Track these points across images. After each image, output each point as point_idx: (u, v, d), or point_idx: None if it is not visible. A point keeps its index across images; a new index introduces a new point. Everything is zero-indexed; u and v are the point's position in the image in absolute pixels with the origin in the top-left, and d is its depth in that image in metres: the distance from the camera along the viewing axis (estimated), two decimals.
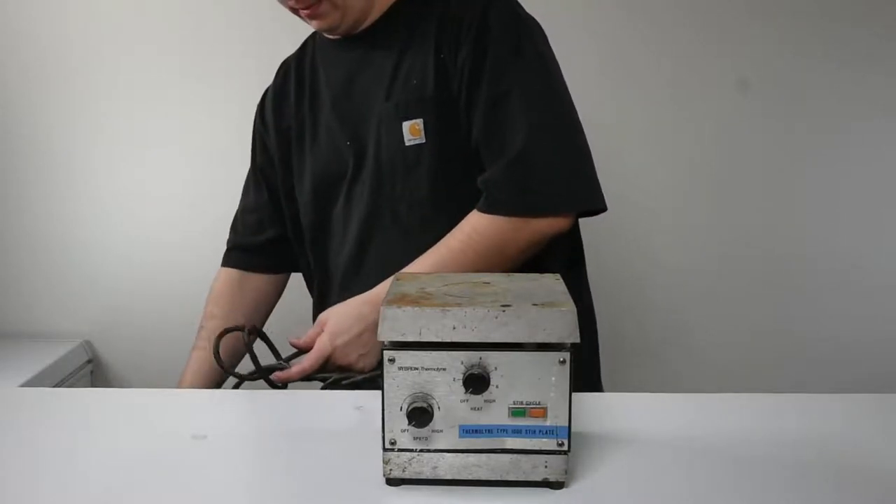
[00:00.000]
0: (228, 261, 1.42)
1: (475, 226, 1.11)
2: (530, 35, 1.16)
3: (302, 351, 1.13)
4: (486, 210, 1.12)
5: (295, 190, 1.32)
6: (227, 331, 1.11)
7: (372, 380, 1.03)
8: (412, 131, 1.15)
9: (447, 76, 1.14)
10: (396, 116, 1.15)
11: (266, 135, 1.37)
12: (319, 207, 1.28)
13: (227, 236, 1.88)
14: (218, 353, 1.09)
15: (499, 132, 1.12)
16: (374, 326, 1.05)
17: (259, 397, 1.04)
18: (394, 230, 1.19)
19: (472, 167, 1.15)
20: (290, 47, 1.39)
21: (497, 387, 0.70)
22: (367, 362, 1.09)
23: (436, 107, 1.14)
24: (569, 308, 0.70)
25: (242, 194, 1.44)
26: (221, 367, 1.10)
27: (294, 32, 1.39)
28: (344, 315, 1.11)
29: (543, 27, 1.21)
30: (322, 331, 1.11)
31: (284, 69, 1.37)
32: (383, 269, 1.13)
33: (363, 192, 1.20)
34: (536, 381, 0.70)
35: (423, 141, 1.15)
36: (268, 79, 1.42)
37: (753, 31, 1.84)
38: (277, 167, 1.34)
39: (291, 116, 1.31)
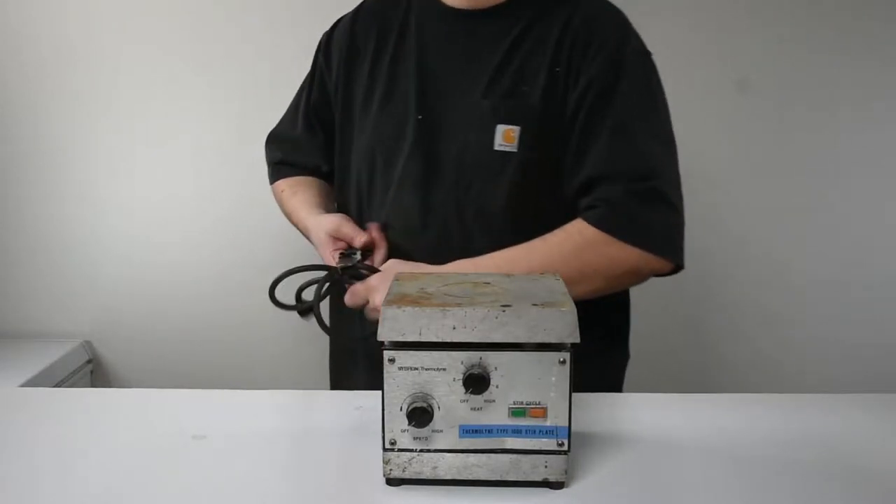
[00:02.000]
0: (279, 173, 1.32)
1: (583, 231, 1.06)
2: (657, 78, 1.14)
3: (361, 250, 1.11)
4: (601, 227, 1.05)
5: (353, 146, 1.23)
6: (285, 275, 1.07)
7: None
8: (506, 137, 1.09)
9: (556, 90, 1.09)
10: (493, 118, 1.10)
11: (328, 74, 1.27)
12: (370, 175, 1.20)
13: (226, 236, 1.89)
14: (274, 293, 1.07)
15: (622, 157, 1.07)
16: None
17: (259, 397, 1.04)
18: (457, 228, 1.12)
19: (552, 189, 1.10)
20: (291, 47, 1.38)
21: (497, 387, 0.70)
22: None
23: (538, 118, 1.09)
24: (569, 308, 0.70)
25: (286, 121, 1.35)
26: (279, 304, 1.08)
27: (296, 33, 1.38)
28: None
29: None
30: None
31: (364, 12, 1.26)
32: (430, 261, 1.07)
33: (433, 181, 1.13)
34: (536, 381, 0.70)
35: (515, 150, 1.09)
36: (268, 79, 1.41)
37: (753, 31, 1.84)
38: (338, 117, 1.24)
39: (367, 66, 1.21)
